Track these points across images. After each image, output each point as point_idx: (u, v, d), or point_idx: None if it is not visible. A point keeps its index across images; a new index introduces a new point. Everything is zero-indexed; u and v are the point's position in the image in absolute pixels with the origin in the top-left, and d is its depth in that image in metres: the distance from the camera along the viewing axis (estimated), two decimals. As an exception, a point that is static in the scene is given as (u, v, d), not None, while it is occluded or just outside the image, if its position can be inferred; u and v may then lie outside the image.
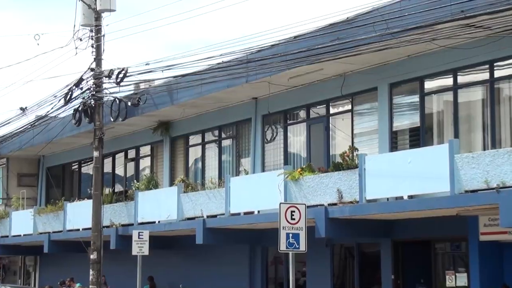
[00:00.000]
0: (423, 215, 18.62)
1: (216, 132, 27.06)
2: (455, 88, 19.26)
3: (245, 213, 22.49)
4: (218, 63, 22.64)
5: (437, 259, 19.96)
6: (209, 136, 27.47)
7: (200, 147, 27.84)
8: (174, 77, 24.61)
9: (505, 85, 18.29)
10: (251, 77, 22.48)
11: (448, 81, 19.47)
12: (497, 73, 18.34)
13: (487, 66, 18.45)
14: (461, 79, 19.17)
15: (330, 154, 22.40)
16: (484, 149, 17.92)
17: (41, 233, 32.83)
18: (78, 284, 28.09)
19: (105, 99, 26.47)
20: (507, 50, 17.62)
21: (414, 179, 17.66)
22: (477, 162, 16.48)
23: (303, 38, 20.47)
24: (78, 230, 29.62)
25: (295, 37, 20.70)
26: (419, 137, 20.05)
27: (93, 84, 26.15)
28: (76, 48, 26.15)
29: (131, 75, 25.23)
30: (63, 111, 28.10)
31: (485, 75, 18.57)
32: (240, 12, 66.57)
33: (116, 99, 26.55)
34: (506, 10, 15.79)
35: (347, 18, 19.28)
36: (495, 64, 18.29)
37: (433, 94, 20.00)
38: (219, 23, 65.32)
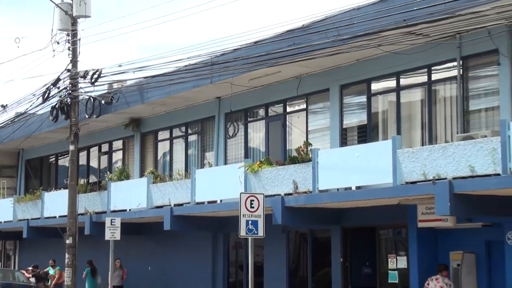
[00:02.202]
0: (369, 204, 18.75)
1: (183, 128, 27.09)
2: (398, 89, 19.43)
3: (209, 202, 22.53)
4: (185, 65, 22.69)
5: (380, 244, 20.04)
6: (176, 132, 27.47)
7: (168, 142, 27.84)
8: (145, 77, 24.66)
9: (441, 87, 18.50)
10: (215, 78, 22.59)
11: (392, 83, 19.63)
12: (434, 76, 18.54)
13: (425, 70, 18.65)
14: (403, 81, 19.33)
15: (287, 148, 22.50)
16: (422, 145, 18.07)
17: (20, 220, 32.72)
18: (57, 268, 27.97)
19: (80, 97, 26.44)
20: (443, 55, 17.92)
21: (362, 171, 17.73)
22: (416, 157, 16.61)
23: (262, 43, 20.57)
24: (55, 217, 29.56)
25: (255, 42, 20.81)
26: (366, 133, 20.15)
27: (69, 84, 26.16)
28: (53, 50, 26.15)
29: (105, 76, 25.26)
30: (41, 108, 28.02)
31: (424, 78, 18.78)
32: (206, 19, 66.58)
33: (91, 98, 26.60)
34: (442, 19, 16.04)
35: (303, 25, 19.41)
36: (432, 68, 18.50)
37: (378, 95, 20.11)
38: (186, 29, 65.26)
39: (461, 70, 17.74)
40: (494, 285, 17.42)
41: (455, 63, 17.89)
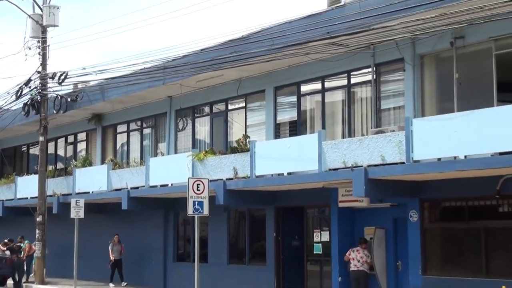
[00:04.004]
0: (298, 188, 18.89)
1: (139, 123, 26.92)
2: (323, 91, 19.52)
3: (161, 186, 22.48)
4: (141, 69, 22.67)
5: (307, 221, 20.12)
6: (133, 126, 27.29)
7: (125, 134, 27.66)
8: (105, 79, 24.61)
9: (358, 90, 18.62)
10: (167, 80, 22.50)
11: (318, 85, 19.71)
12: (353, 80, 18.64)
13: (345, 74, 18.74)
14: (327, 84, 19.43)
15: (228, 140, 22.50)
16: (343, 138, 18.19)
17: (-4, 201, 32.32)
18: (26, 241, 27.78)
19: (49, 95, 26.36)
20: (360, 62, 18.08)
21: (292, 160, 17.79)
22: (338, 148, 16.76)
23: (208, 50, 20.62)
24: (27, 198, 29.19)
25: (201, 49, 20.84)
26: (296, 128, 20.19)
27: (39, 84, 26.04)
28: (26, 55, 26.13)
29: (70, 77, 25.23)
30: (14, 105, 27.91)
31: (344, 82, 18.86)
32: (159, 28, 66.25)
33: (58, 96, 26.50)
34: (359, 32, 16.25)
35: (242, 35, 19.50)
36: (351, 73, 18.60)
37: (307, 96, 20.16)
38: (142, 37, 64.82)
39: (374, 75, 17.95)
40: (399, 254, 17.70)
41: (369, 69, 18.06)
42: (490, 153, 13.82)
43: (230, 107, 22.85)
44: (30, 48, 25.95)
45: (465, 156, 14.12)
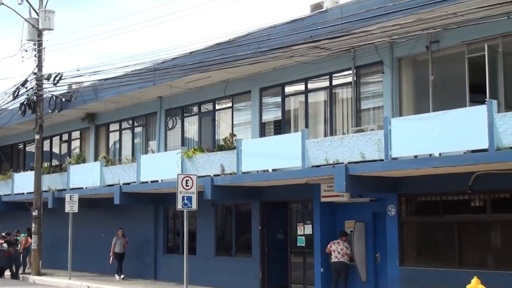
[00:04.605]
0: (282, 183, 18.81)
1: (130, 122, 26.85)
2: (306, 92, 19.53)
3: (152, 181, 22.40)
4: (133, 71, 22.59)
5: (291, 215, 20.12)
6: (125, 125, 27.23)
7: (118, 132, 27.58)
8: (99, 80, 24.48)
9: (339, 91, 18.64)
10: (157, 81, 22.45)
11: (301, 87, 19.71)
12: (334, 82, 18.64)
13: (327, 76, 18.74)
14: (310, 85, 19.44)
15: (216, 138, 22.47)
16: (325, 136, 18.22)
17: (-6, 196, 32.16)
18: (22, 234, 27.67)
19: (44, 96, 26.26)
20: (341, 65, 18.11)
21: (277, 157, 17.77)
22: (320, 146, 16.78)
23: (196, 53, 20.57)
24: (23, 193, 29.07)
25: (190, 52, 20.78)
26: (281, 127, 20.18)
27: (35, 84, 25.97)
28: (22, 57, 26.12)
29: (65, 78, 25.17)
30: (11, 104, 27.80)
31: (326, 83, 18.87)
32: (150, 32, 66.06)
33: (53, 96, 26.42)
34: (340, 36, 16.34)
35: (229, 39, 19.43)
36: (333, 75, 18.63)
37: (291, 96, 20.16)
38: (134, 40, 64.62)
39: (354, 77, 17.98)
40: (378, 246, 17.77)
41: (350, 71, 18.09)
42: (463, 151, 13.92)
43: (217, 107, 22.82)
44: (26, 51, 25.98)
45: (440, 154, 14.20)
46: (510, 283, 14.28)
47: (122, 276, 24.43)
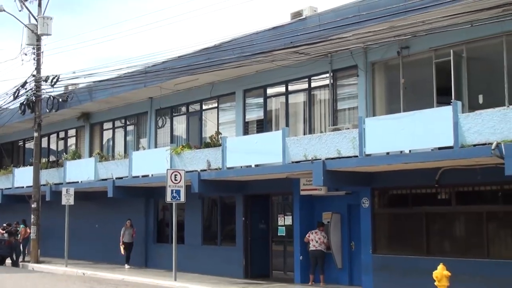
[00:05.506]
0: (264, 178, 18.71)
1: (123, 121, 26.71)
2: (287, 93, 19.53)
3: (143, 176, 22.33)
4: (125, 73, 22.51)
5: (273, 207, 20.09)
6: (117, 123, 27.09)
7: (111, 130, 27.43)
8: (93, 82, 24.30)
9: (317, 92, 18.66)
10: (148, 83, 22.37)
11: (282, 89, 19.71)
12: (313, 84, 18.65)
13: (306, 79, 18.75)
14: (290, 87, 19.43)
15: (202, 136, 22.41)
16: (304, 134, 18.20)
17: (-4, 189, 31.88)
18: (21, 225, 27.47)
19: (43, 96, 26.08)
20: (319, 68, 18.13)
21: (259, 154, 17.77)
22: (300, 143, 16.80)
23: (185, 57, 20.55)
24: (23, 187, 28.86)
25: (179, 56, 20.79)
26: (263, 126, 20.19)
27: (34, 86, 25.77)
28: (22, 60, 26.00)
29: (62, 80, 25.08)
30: (12, 104, 27.56)
31: (305, 85, 18.87)
32: (141, 37, 65.81)
33: (51, 97, 26.25)
34: (318, 42, 16.36)
35: (215, 44, 19.45)
36: (312, 78, 18.63)
37: (272, 97, 20.15)
38: (126, 44, 64.33)
39: (331, 80, 17.99)
40: (353, 236, 17.81)
41: (327, 75, 18.11)
42: (431, 148, 13.99)
43: (204, 107, 22.77)
44: (26, 54, 25.79)
45: (410, 151, 14.27)
46: (473, 269, 14.42)
47: (128, 266, 23.96)
